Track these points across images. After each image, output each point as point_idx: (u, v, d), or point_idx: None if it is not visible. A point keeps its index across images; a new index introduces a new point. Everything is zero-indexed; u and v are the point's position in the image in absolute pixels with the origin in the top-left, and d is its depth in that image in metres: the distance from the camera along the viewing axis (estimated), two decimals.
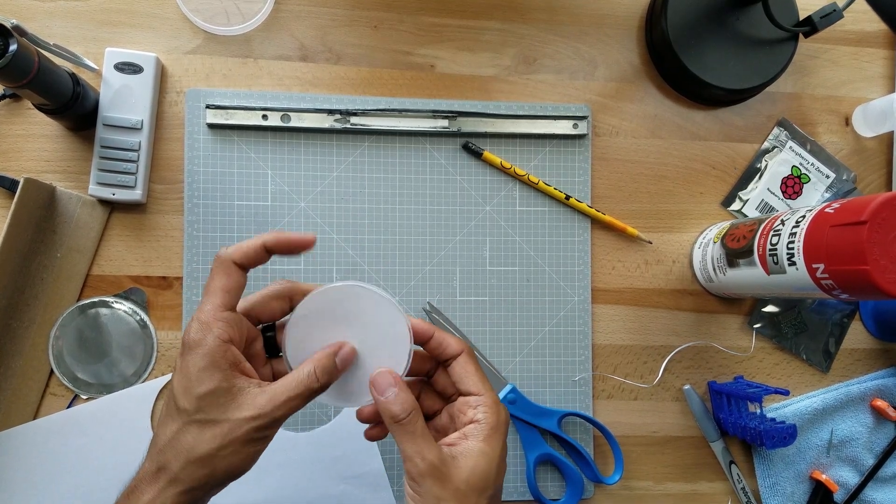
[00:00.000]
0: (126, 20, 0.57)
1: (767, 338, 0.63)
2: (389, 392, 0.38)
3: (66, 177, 0.55)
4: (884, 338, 0.64)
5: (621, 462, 0.59)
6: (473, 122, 0.59)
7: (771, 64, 0.61)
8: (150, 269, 0.56)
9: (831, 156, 0.65)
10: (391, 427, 0.38)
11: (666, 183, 0.62)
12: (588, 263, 0.61)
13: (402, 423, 0.37)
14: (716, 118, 0.63)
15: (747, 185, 0.63)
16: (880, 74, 0.66)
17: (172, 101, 0.57)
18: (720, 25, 0.60)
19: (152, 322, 0.55)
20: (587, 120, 0.60)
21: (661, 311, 0.62)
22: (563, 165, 0.61)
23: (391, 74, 0.60)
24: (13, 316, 0.53)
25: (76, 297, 0.55)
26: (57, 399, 0.55)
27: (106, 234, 0.56)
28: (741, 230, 0.55)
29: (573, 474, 0.58)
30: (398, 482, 0.57)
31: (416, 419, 0.38)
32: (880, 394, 0.63)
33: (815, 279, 0.46)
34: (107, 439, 0.54)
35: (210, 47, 0.58)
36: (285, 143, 0.58)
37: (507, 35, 0.61)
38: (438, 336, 0.41)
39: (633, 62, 0.63)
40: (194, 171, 0.56)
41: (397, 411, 0.37)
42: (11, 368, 0.53)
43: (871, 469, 0.63)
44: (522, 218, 0.60)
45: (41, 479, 0.53)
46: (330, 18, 0.59)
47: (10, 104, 0.55)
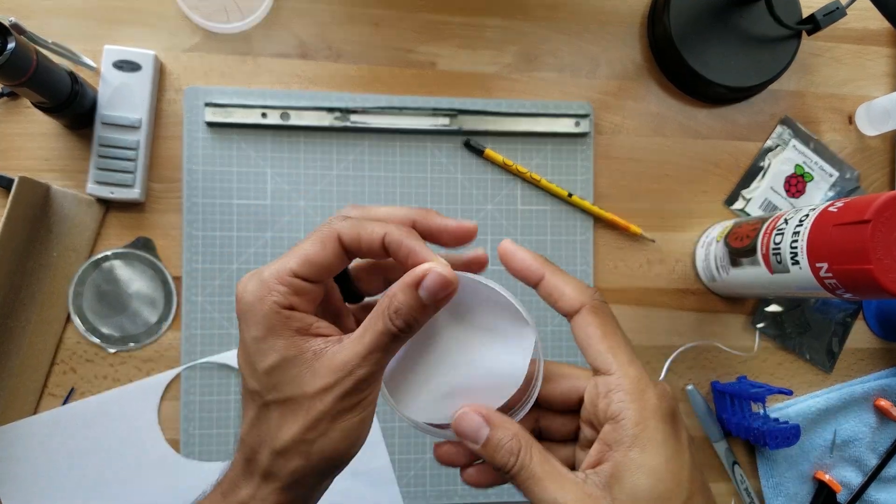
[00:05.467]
0: (124, 18, 0.56)
1: (771, 337, 0.63)
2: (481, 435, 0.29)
3: (64, 175, 0.55)
4: (887, 337, 0.64)
5: None
6: (475, 120, 0.58)
7: (774, 62, 0.60)
8: None
9: (834, 154, 0.64)
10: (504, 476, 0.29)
11: (668, 181, 0.62)
12: (590, 262, 0.60)
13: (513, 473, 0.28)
14: (719, 116, 0.63)
15: (750, 183, 0.63)
16: (884, 72, 0.66)
17: (171, 100, 0.56)
18: (723, 23, 0.60)
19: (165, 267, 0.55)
20: (589, 118, 0.60)
21: (664, 311, 0.62)
22: (565, 164, 0.60)
23: (391, 72, 0.59)
24: (9, 315, 0.53)
25: None
26: (56, 399, 0.54)
27: (104, 232, 0.55)
28: (744, 229, 0.55)
29: None
30: (404, 478, 0.57)
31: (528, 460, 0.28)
32: (884, 394, 0.63)
33: (819, 278, 0.46)
34: (113, 433, 0.54)
35: (209, 45, 0.57)
36: (285, 141, 0.57)
37: (508, 32, 0.61)
38: (550, 281, 0.31)
39: (636, 60, 0.62)
40: (193, 170, 0.56)
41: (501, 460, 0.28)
42: (8, 368, 0.53)
43: (874, 469, 0.63)
44: (524, 216, 0.60)
45: (46, 473, 0.53)
46: (330, 16, 0.59)
47: (8, 102, 0.55)
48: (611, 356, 0.29)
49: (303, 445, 0.28)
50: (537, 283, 0.31)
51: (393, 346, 0.28)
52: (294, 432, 0.28)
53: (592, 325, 0.29)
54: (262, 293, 0.28)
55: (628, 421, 0.27)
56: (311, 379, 0.27)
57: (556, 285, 0.30)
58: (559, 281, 0.30)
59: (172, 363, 0.56)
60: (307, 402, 0.28)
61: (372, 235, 0.28)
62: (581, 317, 0.30)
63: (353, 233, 0.28)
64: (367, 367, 0.27)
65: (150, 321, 0.55)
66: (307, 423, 0.28)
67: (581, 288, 0.30)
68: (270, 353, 0.28)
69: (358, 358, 0.27)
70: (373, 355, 0.28)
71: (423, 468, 0.57)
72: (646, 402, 0.28)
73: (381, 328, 0.27)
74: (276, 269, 0.28)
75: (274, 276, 0.28)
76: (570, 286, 0.30)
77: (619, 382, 0.28)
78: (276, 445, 0.28)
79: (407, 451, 0.57)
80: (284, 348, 0.28)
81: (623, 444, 0.27)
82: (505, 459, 0.28)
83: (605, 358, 0.29)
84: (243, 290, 0.29)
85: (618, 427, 0.27)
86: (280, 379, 0.28)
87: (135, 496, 0.54)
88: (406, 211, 0.30)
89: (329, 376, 0.27)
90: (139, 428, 0.54)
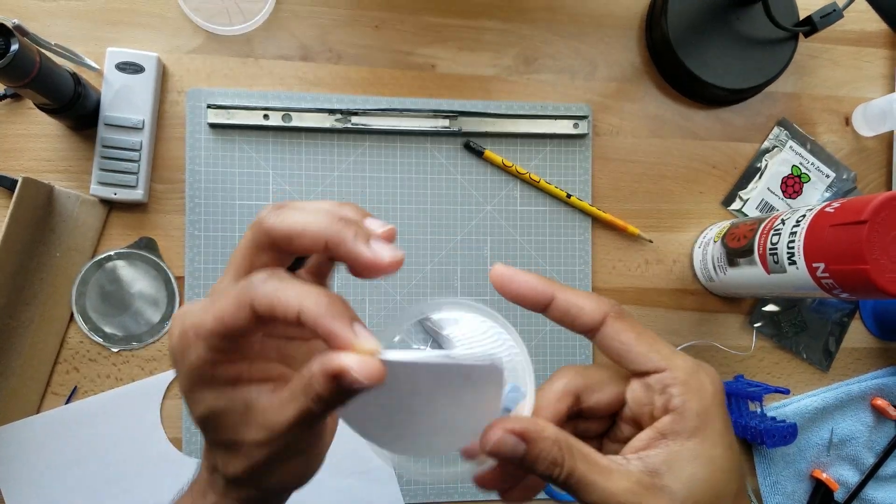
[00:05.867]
0: (127, 20, 0.57)
1: (768, 337, 0.63)
2: (517, 453, 0.26)
3: (68, 176, 0.55)
4: (884, 337, 0.65)
5: None
6: (474, 121, 0.59)
7: (771, 63, 0.61)
8: None
9: (831, 155, 0.65)
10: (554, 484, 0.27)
11: (666, 182, 0.63)
12: (589, 262, 0.61)
13: (561, 481, 0.26)
14: (716, 118, 0.63)
15: (747, 184, 0.63)
16: (880, 74, 0.66)
17: (174, 101, 0.57)
18: (720, 25, 0.60)
19: (168, 267, 0.56)
20: (588, 119, 0.60)
21: (662, 311, 0.62)
22: (563, 165, 0.61)
23: (392, 74, 0.60)
24: (12, 315, 0.53)
25: None
26: (58, 398, 0.55)
27: (106, 233, 0.56)
28: (741, 229, 0.55)
29: None
30: (405, 477, 0.57)
31: (574, 466, 0.26)
32: (880, 392, 0.63)
33: (816, 278, 0.47)
34: (116, 432, 0.54)
35: (211, 47, 0.58)
36: (286, 142, 0.58)
37: (507, 35, 0.61)
38: (563, 299, 0.28)
39: (634, 62, 0.63)
40: (195, 171, 0.56)
41: (546, 472, 0.26)
42: (11, 367, 0.53)
43: (871, 468, 0.63)
44: (523, 217, 0.60)
45: (49, 472, 0.53)
46: (331, 18, 0.59)
47: (12, 104, 0.55)
48: (655, 354, 0.27)
49: (251, 480, 0.28)
50: (547, 306, 0.28)
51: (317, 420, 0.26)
52: (239, 470, 0.27)
53: (625, 331, 0.28)
54: (183, 346, 0.26)
55: (691, 412, 0.26)
56: (245, 430, 0.27)
57: (572, 302, 0.28)
58: (573, 297, 0.28)
59: None
60: (245, 448, 0.27)
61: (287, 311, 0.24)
62: (609, 326, 0.28)
63: (267, 303, 0.24)
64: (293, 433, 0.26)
65: (153, 321, 0.56)
66: (250, 464, 0.27)
67: (598, 298, 0.29)
68: (200, 404, 0.27)
69: (285, 424, 0.26)
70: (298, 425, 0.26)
71: (422, 467, 0.58)
72: (704, 391, 0.27)
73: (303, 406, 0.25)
74: (195, 320, 0.26)
75: (193, 329, 0.26)
76: (587, 299, 0.28)
77: (675, 376, 0.27)
78: (227, 475, 0.28)
79: None
80: (213, 400, 0.27)
81: (682, 434, 0.26)
82: (550, 471, 0.26)
83: (649, 358, 0.27)
84: (170, 335, 0.27)
85: (681, 418, 0.26)
86: (215, 426, 0.27)
87: (137, 495, 0.54)
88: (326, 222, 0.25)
89: (260, 432, 0.26)
90: (142, 427, 0.55)
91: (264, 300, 0.25)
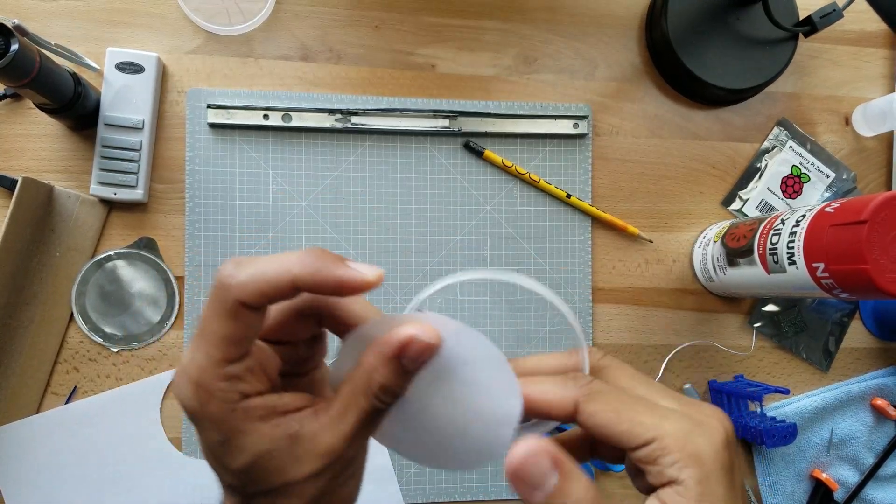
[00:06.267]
0: (127, 20, 0.57)
1: (767, 337, 0.63)
2: (548, 483, 0.24)
3: (68, 176, 0.55)
4: (884, 337, 0.65)
5: None
6: (474, 121, 0.59)
7: (771, 63, 0.61)
8: None
9: (831, 155, 0.65)
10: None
11: (666, 182, 0.63)
12: (588, 262, 0.61)
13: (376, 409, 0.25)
14: (716, 118, 0.63)
15: (747, 184, 0.63)
16: (880, 74, 0.66)
17: (174, 101, 0.57)
18: (720, 25, 0.60)
19: (168, 267, 0.56)
20: (587, 119, 0.60)
21: (662, 311, 0.62)
22: (563, 165, 0.61)
23: (392, 74, 0.60)
24: (12, 315, 0.53)
25: None
26: (58, 398, 0.55)
27: (106, 233, 0.56)
28: (741, 229, 0.55)
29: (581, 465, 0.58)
30: (404, 476, 0.57)
31: None
32: (880, 393, 0.63)
33: (815, 278, 0.47)
34: (116, 432, 0.54)
35: (211, 47, 0.58)
36: (286, 142, 0.58)
37: (507, 35, 0.61)
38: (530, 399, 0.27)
39: (634, 62, 0.63)
40: (195, 171, 0.56)
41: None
42: (11, 367, 0.53)
43: (871, 468, 0.63)
44: (523, 217, 0.60)
45: (49, 472, 0.53)
46: (331, 18, 0.59)
47: (12, 104, 0.55)
48: (639, 428, 0.25)
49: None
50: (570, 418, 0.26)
51: (379, 420, 0.26)
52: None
53: (600, 412, 0.25)
54: (204, 398, 0.24)
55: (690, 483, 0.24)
56: (295, 467, 0.25)
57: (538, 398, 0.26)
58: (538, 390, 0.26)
59: (175, 362, 0.56)
60: (297, 487, 0.25)
61: (280, 285, 0.23)
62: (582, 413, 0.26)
63: (254, 287, 0.23)
64: (354, 447, 0.25)
65: (153, 321, 0.56)
66: None
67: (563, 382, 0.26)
68: (241, 454, 0.24)
69: (344, 441, 0.25)
70: (360, 434, 0.25)
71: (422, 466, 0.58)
72: (701, 456, 0.24)
73: (365, 407, 0.25)
74: (201, 365, 0.24)
75: (205, 374, 0.24)
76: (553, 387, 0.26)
77: (664, 446, 0.24)
78: None
79: None
80: (254, 444, 0.24)
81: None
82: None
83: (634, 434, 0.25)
84: (183, 398, 0.25)
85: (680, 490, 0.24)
86: (260, 474, 0.25)
87: (137, 494, 0.54)
88: (295, 259, 0.24)
89: (316, 462, 0.25)
90: (141, 427, 0.55)
91: (252, 291, 0.23)
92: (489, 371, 0.26)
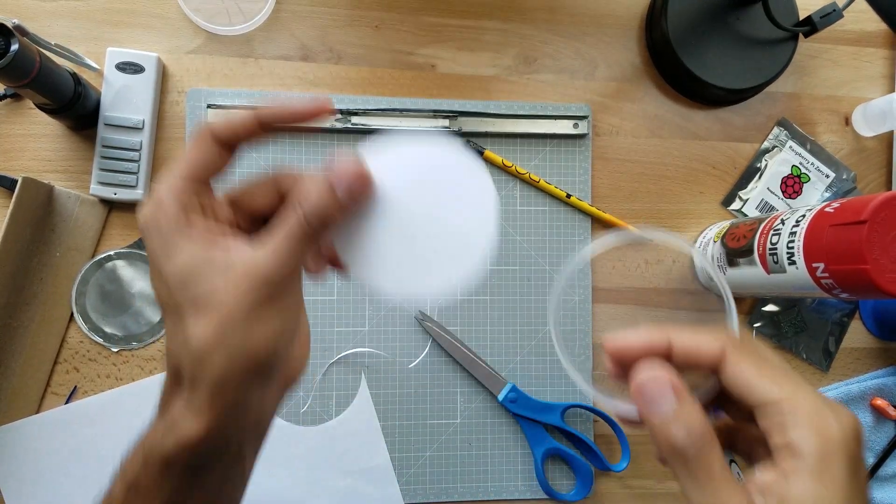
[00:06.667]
0: (127, 20, 0.57)
1: (767, 337, 0.63)
2: (666, 405, 0.26)
3: (68, 176, 0.55)
4: (884, 337, 0.65)
5: (628, 450, 0.59)
6: (474, 121, 0.59)
7: (771, 63, 0.61)
8: None
9: (831, 155, 0.65)
10: (669, 459, 0.26)
11: (666, 182, 0.63)
12: (588, 262, 0.61)
13: (688, 460, 0.25)
14: (716, 118, 0.64)
15: (747, 184, 0.63)
16: (880, 74, 0.66)
17: (174, 101, 0.57)
18: (720, 25, 0.60)
19: None
20: (587, 119, 0.60)
21: (662, 311, 0.62)
22: (563, 165, 0.61)
23: (392, 74, 0.60)
24: (12, 315, 0.53)
25: None
26: (58, 398, 0.55)
27: (107, 232, 0.56)
28: (741, 229, 0.55)
29: (581, 465, 0.58)
30: (404, 476, 0.57)
31: (709, 453, 0.25)
32: (880, 393, 0.63)
33: (815, 278, 0.47)
34: (116, 432, 0.54)
35: (211, 47, 0.58)
36: (286, 142, 0.58)
37: (507, 35, 0.61)
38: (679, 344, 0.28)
39: (634, 62, 0.63)
40: None
41: (680, 441, 0.25)
42: (11, 367, 0.53)
43: (871, 468, 0.63)
44: (523, 217, 0.60)
45: (49, 472, 0.53)
46: (331, 18, 0.59)
47: (12, 104, 0.55)
48: (776, 387, 0.25)
49: (222, 346, 0.26)
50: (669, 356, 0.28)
51: (308, 246, 0.27)
52: (211, 330, 0.26)
53: (743, 362, 0.26)
54: (156, 207, 0.28)
55: (810, 455, 0.24)
56: (223, 282, 0.26)
57: (689, 344, 0.28)
58: (688, 339, 0.28)
59: None
60: (221, 303, 0.26)
61: (245, 120, 0.29)
62: (728, 361, 0.27)
63: (224, 122, 0.29)
64: (281, 267, 0.27)
65: (153, 321, 0.56)
66: (224, 323, 0.26)
67: (714, 333, 0.28)
68: (178, 255, 0.27)
69: (272, 259, 0.27)
70: (288, 255, 0.27)
71: (422, 466, 0.58)
72: (829, 434, 0.24)
73: (296, 231, 0.27)
74: (164, 184, 0.28)
75: (165, 189, 0.28)
76: (703, 336, 0.28)
77: (793, 410, 0.25)
78: (195, 347, 0.26)
79: (406, 450, 0.58)
80: (191, 249, 0.27)
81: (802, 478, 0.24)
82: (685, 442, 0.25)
83: (769, 390, 0.25)
84: (141, 212, 0.28)
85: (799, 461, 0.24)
86: (191, 282, 0.27)
87: None
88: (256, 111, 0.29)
89: (243, 282, 0.26)
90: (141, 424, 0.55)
91: (222, 122, 0.28)
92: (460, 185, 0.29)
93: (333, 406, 0.57)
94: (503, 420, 0.59)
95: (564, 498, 0.58)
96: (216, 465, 0.29)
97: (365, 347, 0.58)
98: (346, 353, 0.58)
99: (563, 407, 0.58)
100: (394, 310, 0.58)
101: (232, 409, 0.27)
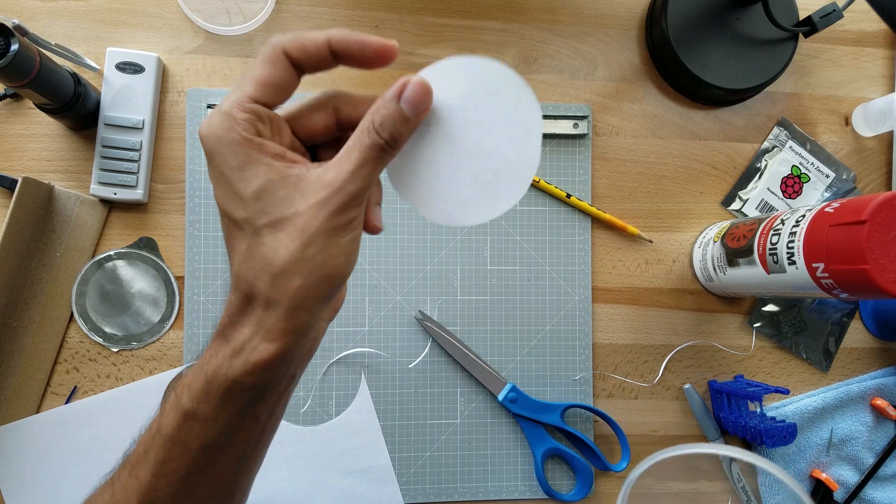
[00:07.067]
0: (127, 20, 0.57)
1: (767, 337, 0.63)
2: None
3: (68, 176, 0.55)
4: (883, 337, 0.65)
5: (628, 449, 0.59)
6: None
7: (771, 64, 0.61)
8: None
9: (831, 155, 0.65)
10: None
11: (666, 182, 0.63)
12: (588, 262, 0.61)
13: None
14: (716, 118, 0.64)
15: (747, 184, 0.63)
16: (880, 74, 0.66)
17: (174, 101, 0.57)
18: (720, 25, 0.60)
19: (168, 267, 0.56)
20: (587, 119, 0.60)
21: (662, 311, 0.62)
22: (563, 165, 0.61)
23: (392, 74, 0.60)
24: (12, 315, 0.53)
25: None
26: (58, 398, 0.55)
27: (107, 232, 0.56)
28: (741, 229, 0.55)
29: (581, 465, 0.58)
30: (404, 476, 0.57)
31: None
32: (880, 393, 0.63)
33: (815, 278, 0.47)
34: (116, 432, 0.54)
35: (211, 47, 0.58)
36: None
37: (507, 35, 0.61)
38: None
39: (634, 62, 0.63)
40: (195, 171, 0.56)
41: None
42: (11, 367, 0.53)
43: (871, 468, 0.63)
44: (523, 217, 0.60)
45: (49, 471, 0.53)
46: (331, 18, 0.59)
47: (12, 104, 0.55)
48: None
49: (301, 263, 0.27)
50: None
51: (380, 162, 0.28)
52: (292, 250, 0.27)
53: None
54: (229, 124, 0.27)
55: None
56: (301, 198, 0.27)
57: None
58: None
59: (175, 362, 0.56)
60: (301, 219, 0.27)
61: (317, 41, 0.28)
62: None
63: (297, 43, 0.28)
64: (357, 182, 0.28)
65: (153, 320, 0.56)
66: (304, 240, 0.27)
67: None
68: (254, 179, 0.27)
69: (347, 174, 0.27)
70: (362, 170, 0.28)
71: (422, 466, 0.58)
72: None
73: (367, 143, 0.28)
74: (234, 99, 0.28)
75: (235, 105, 0.28)
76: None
77: None
78: (275, 267, 0.27)
79: (407, 450, 0.58)
80: (267, 173, 0.27)
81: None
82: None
83: None
84: (208, 126, 0.28)
85: None
86: (268, 202, 0.27)
87: None
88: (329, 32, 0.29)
89: (319, 193, 0.27)
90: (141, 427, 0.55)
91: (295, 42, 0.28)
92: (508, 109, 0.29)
93: (333, 406, 0.57)
94: (503, 420, 0.59)
95: (564, 498, 0.58)
96: (275, 389, 0.30)
97: (365, 347, 0.58)
98: (346, 353, 0.58)
99: (563, 407, 0.58)
100: (394, 310, 0.58)
101: (303, 330, 0.28)
